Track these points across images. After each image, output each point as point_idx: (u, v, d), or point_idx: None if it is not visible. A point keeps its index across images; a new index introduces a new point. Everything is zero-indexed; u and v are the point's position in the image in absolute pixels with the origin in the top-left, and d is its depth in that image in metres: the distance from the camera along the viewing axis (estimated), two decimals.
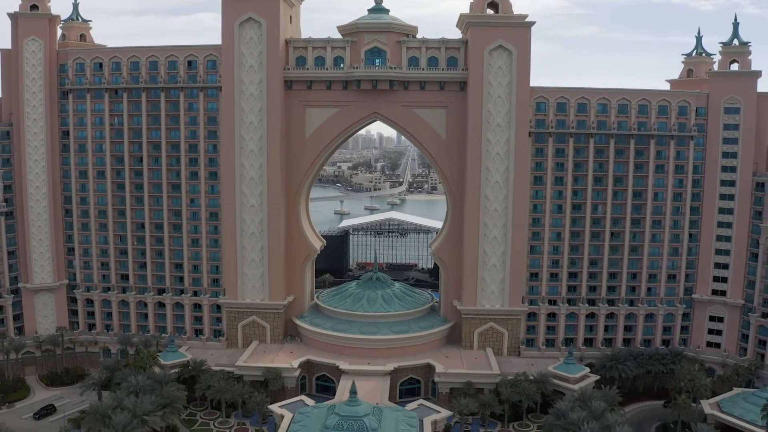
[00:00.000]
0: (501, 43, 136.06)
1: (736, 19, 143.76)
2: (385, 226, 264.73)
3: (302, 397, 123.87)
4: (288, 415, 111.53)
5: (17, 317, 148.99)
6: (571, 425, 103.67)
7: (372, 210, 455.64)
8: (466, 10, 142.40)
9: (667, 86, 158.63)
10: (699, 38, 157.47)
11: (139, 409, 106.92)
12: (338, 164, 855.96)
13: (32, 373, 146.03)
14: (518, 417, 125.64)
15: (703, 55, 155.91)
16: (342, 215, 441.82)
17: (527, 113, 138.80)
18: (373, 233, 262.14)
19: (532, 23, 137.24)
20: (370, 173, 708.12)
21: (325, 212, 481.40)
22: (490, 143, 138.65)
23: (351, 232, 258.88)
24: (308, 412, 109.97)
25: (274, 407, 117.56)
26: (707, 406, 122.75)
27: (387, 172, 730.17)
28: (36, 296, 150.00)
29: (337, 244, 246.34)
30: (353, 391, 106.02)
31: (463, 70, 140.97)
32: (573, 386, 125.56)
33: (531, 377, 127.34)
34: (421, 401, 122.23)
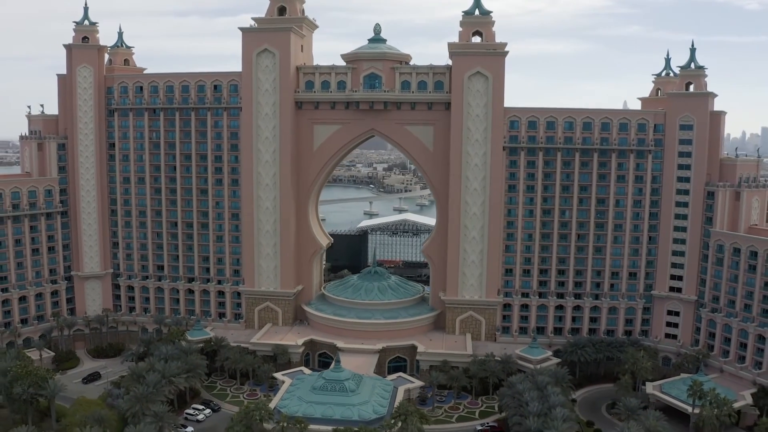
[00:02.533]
0: (479, 70, 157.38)
1: (693, 45, 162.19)
2: (400, 226, 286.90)
3: (302, 368, 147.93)
4: (288, 381, 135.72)
5: (69, 300, 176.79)
6: (517, 394, 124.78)
7: (400, 211, 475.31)
8: (503, 9, 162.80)
9: (639, 103, 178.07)
10: (668, 60, 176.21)
11: (168, 371, 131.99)
12: (374, 165, 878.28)
13: (81, 347, 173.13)
14: (486, 391, 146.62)
15: (671, 75, 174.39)
16: (371, 215, 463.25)
17: (502, 130, 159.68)
18: (389, 233, 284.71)
19: (506, 53, 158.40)
20: (403, 175, 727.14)
21: (354, 212, 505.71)
22: (469, 156, 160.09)
23: (369, 231, 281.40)
24: (304, 378, 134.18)
25: (278, 375, 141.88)
26: (650, 387, 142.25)
27: (420, 174, 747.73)
28: (85, 283, 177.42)
29: (357, 242, 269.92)
30: (337, 361, 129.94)
31: (447, 93, 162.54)
32: (534, 366, 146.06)
33: (498, 358, 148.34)
34: (400, 374, 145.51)
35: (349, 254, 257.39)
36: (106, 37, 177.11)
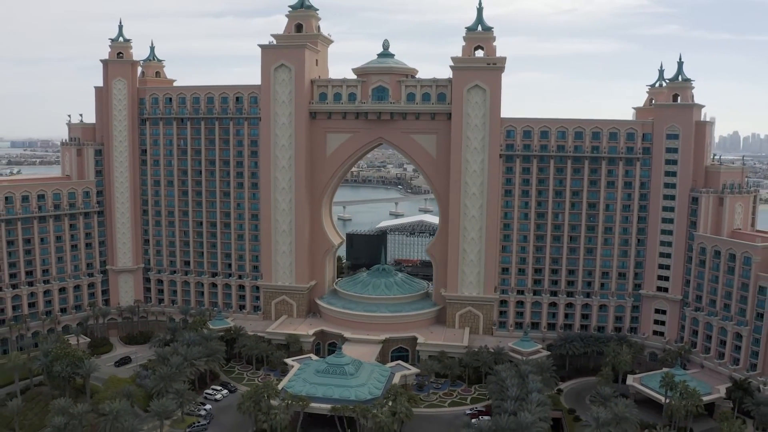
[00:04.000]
0: (477, 83, 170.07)
1: (680, 59, 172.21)
2: (417, 227, 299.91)
3: (310, 354, 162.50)
4: (297, 365, 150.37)
5: (104, 292, 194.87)
6: (501, 381, 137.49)
7: (425, 211, 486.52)
8: (538, 9, 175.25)
9: (632, 113, 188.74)
10: (661, 72, 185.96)
11: (190, 355, 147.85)
12: (404, 166, 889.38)
13: (115, 335, 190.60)
14: (480, 380, 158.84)
15: (663, 86, 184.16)
16: (396, 216, 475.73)
17: (498, 139, 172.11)
18: (407, 233, 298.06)
19: (502, 68, 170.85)
20: None
21: (381, 213, 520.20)
22: (468, 162, 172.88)
23: (388, 231, 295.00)
24: (310, 363, 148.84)
25: (288, 360, 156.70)
26: (631, 379, 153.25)
27: None
28: (119, 276, 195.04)
29: (376, 242, 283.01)
30: (340, 348, 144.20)
31: (449, 104, 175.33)
32: (523, 358, 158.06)
33: (491, 350, 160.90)
34: (398, 362, 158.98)
35: (368, 253, 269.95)
36: (147, 37, 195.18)
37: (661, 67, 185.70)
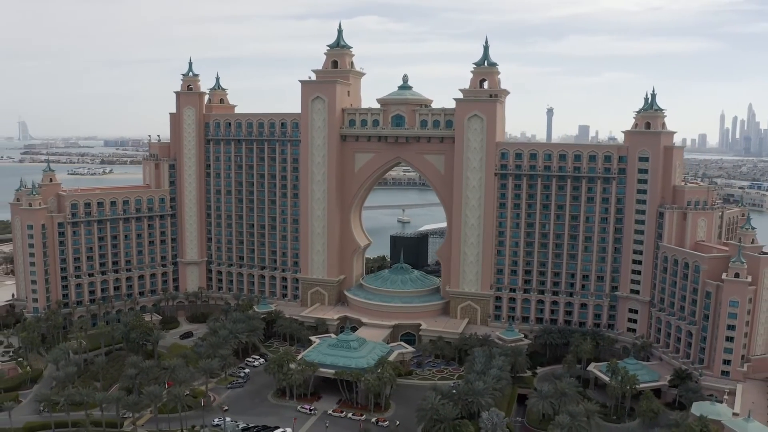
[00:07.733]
0: (476, 113, 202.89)
1: (653, 91, 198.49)
2: None
3: (330, 334, 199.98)
4: (317, 341, 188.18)
5: (175, 279, 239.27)
6: (473, 359, 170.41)
7: None
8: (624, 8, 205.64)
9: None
10: (646, 99, 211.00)
11: (234, 329, 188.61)
12: None
13: (182, 315, 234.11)
14: None
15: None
16: None
17: (494, 160, 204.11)
18: (444, 237, 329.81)
19: (496, 100, 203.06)
20: None
21: (438, 217, 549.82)
22: (468, 179, 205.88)
23: (429, 234, 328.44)
24: (327, 340, 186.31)
25: (312, 338, 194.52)
26: (592, 366, 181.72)
27: None
28: (187, 267, 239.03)
29: (417, 244, 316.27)
30: (350, 328, 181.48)
31: (454, 130, 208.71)
32: (506, 345, 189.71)
33: (479, 337, 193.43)
34: (400, 342, 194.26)
35: (411, 254, 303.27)
36: (233, 40, 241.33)
37: (646, 95, 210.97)
